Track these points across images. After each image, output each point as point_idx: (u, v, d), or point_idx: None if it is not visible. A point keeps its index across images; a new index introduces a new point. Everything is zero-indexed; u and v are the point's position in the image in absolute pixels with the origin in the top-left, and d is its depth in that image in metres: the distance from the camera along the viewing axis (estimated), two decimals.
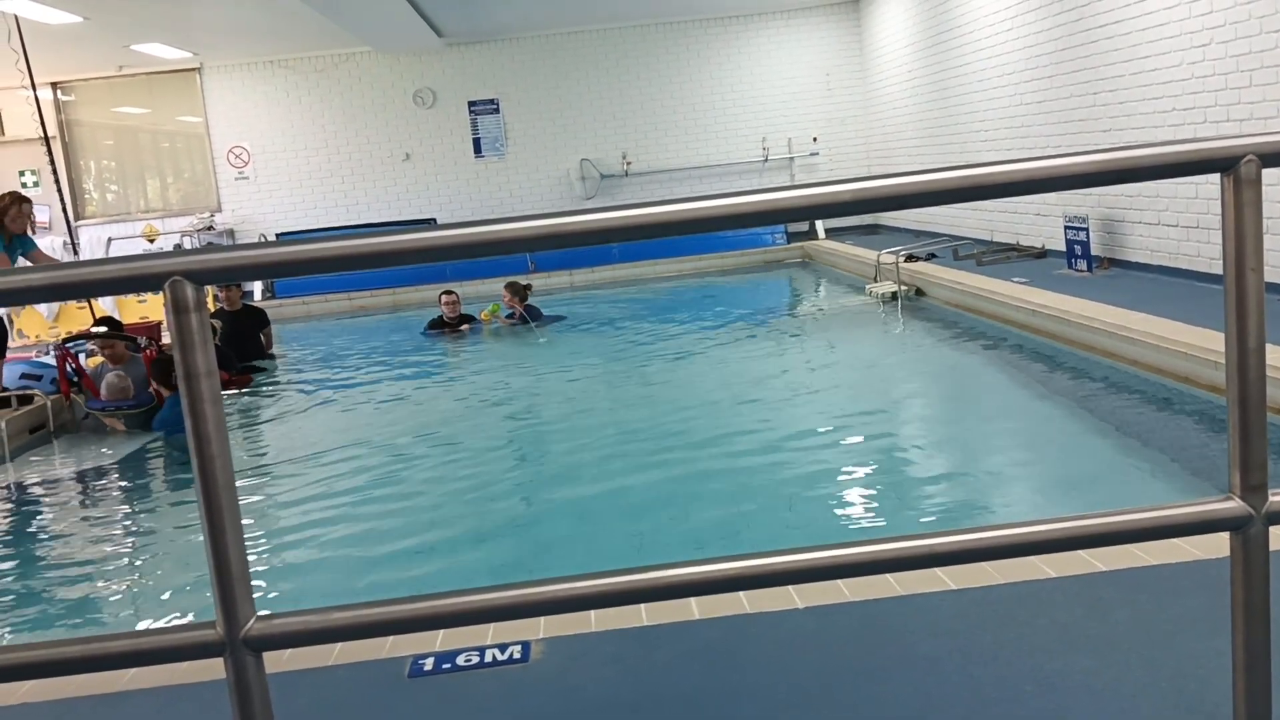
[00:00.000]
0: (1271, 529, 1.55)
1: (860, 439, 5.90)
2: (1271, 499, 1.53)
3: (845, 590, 2.87)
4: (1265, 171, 1.47)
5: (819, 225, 15.21)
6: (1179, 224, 8.00)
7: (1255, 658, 1.57)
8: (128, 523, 5.80)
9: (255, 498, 5.82)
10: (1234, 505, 1.52)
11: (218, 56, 15.47)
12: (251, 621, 1.34)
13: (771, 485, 5.15)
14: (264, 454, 7.14)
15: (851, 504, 4.94)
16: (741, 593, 2.86)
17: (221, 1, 11.58)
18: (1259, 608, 1.55)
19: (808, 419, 6.44)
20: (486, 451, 6.50)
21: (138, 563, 5.10)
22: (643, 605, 2.84)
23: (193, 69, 15.82)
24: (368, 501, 5.54)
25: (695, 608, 2.85)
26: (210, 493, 1.33)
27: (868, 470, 5.39)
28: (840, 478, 5.29)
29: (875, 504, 4.90)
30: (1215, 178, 1.47)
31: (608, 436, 6.55)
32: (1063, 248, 9.36)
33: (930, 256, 10.94)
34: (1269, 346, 1.54)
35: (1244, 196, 1.46)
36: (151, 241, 14.88)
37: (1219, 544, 1.58)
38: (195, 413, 1.32)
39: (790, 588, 2.88)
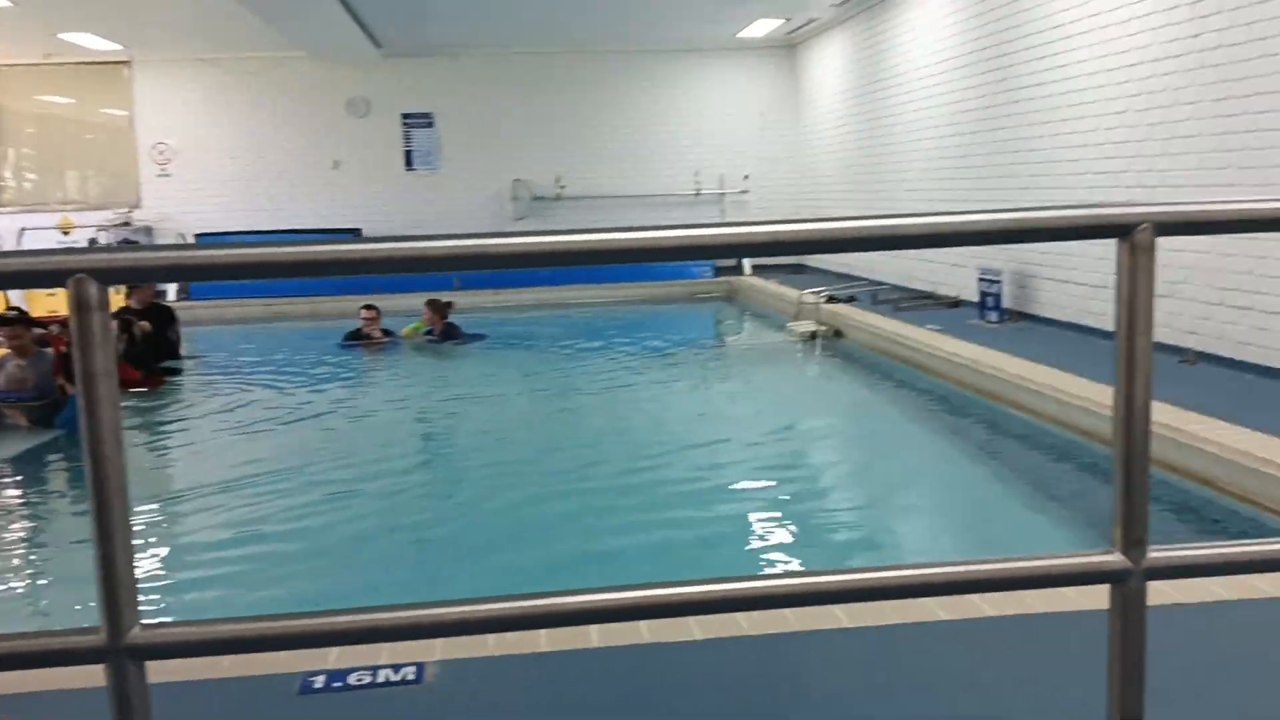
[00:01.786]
0: (1150, 584, 1.61)
1: (766, 474, 5.96)
2: (1150, 554, 1.59)
3: (743, 624, 2.90)
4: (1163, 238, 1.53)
5: (745, 262, 15.39)
6: (1088, 282, 8.26)
7: (1129, 710, 1.62)
8: (14, 521, 5.61)
9: (152, 504, 5.67)
10: (1114, 558, 1.58)
11: (148, 51, 15.17)
12: (135, 629, 1.32)
13: (678, 515, 5.17)
14: (166, 459, 6.97)
15: (752, 539, 4.97)
16: (641, 622, 2.87)
17: None
18: (1134, 660, 1.60)
19: (718, 449, 6.49)
20: (394, 466, 6.43)
21: (23, 564, 4.94)
22: (542, 630, 2.83)
23: (122, 62, 15.48)
24: (272, 513, 5.43)
25: (595, 635, 2.85)
26: (101, 495, 1.30)
27: (771, 505, 5.44)
28: (744, 511, 5.33)
29: (776, 539, 4.95)
30: None
31: (517, 458, 6.53)
32: (976, 298, 9.59)
33: (850, 299, 11.13)
34: (1155, 404, 1.60)
35: (1138, 262, 1.52)
36: (66, 234, 14.51)
37: (1103, 595, 1.63)
38: (92, 414, 1.29)
39: (690, 619, 2.89)
